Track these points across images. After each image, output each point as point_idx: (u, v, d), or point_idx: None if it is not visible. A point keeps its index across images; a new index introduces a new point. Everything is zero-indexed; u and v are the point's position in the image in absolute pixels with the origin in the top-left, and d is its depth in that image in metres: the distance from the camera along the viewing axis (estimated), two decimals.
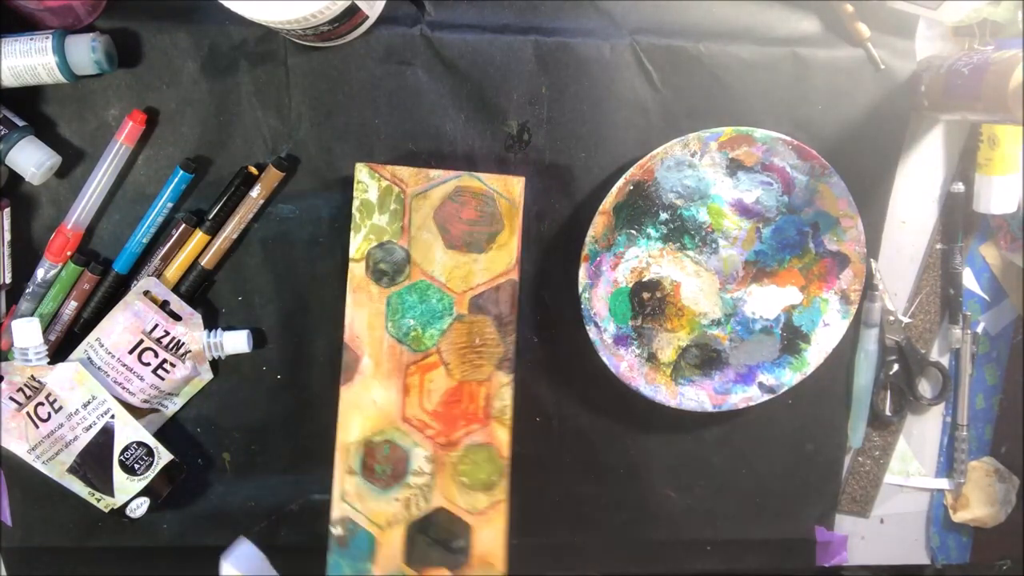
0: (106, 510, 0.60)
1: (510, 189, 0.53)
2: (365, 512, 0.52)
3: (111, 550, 0.63)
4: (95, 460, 0.58)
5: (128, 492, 0.60)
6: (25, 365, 0.56)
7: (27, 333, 0.55)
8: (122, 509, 0.59)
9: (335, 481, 0.52)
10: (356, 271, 0.52)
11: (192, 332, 0.58)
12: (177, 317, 0.58)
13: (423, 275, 0.52)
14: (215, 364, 0.60)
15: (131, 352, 0.57)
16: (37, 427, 0.57)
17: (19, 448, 0.57)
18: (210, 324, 0.59)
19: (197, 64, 0.55)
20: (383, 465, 0.52)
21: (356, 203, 0.52)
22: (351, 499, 0.52)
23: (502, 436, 0.53)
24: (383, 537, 0.52)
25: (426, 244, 0.52)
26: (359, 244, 0.52)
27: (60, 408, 0.57)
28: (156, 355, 0.58)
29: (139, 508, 0.60)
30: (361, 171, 0.52)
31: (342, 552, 0.52)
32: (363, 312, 0.52)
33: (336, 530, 0.52)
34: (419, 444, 0.52)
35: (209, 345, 0.58)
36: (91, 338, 0.57)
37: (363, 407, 0.52)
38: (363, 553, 0.52)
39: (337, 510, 0.52)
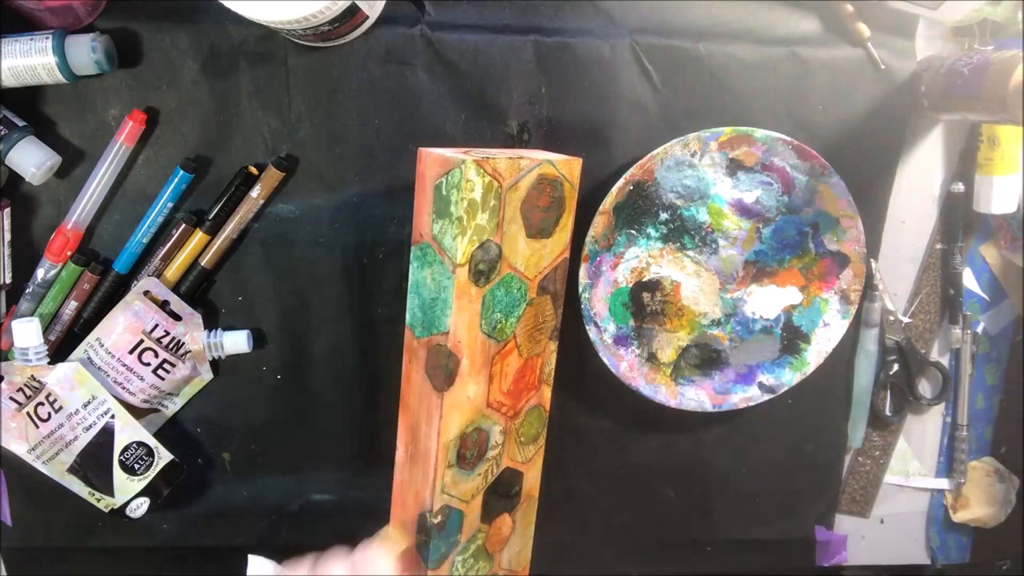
0: (106, 510, 0.60)
1: (573, 172, 0.53)
2: (458, 495, 0.54)
3: (111, 550, 0.63)
4: (95, 460, 0.58)
5: (128, 492, 0.60)
6: (25, 365, 0.56)
7: (27, 333, 0.55)
8: (122, 509, 0.59)
9: (436, 476, 0.52)
10: (461, 276, 0.48)
11: (192, 332, 0.58)
12: (177, 317, 0.58)
13: (510, 268, 0.51)
14: (215, 364, 0.60)
15: (131, 352, 0.57)
16: (37, 427, 0.57)
17: (19, 448, 0.57)
18: (210, 324, 0.59)
19: (197, 64, 0.55)
20: (472, 451, 0.54)
21: (464, 204, 0.46)
22: (449, 488, 0.53)
23: (547, 394, 0.57)
24: (468, 509, 0.55)
25: (513, 236, 0.50)
26: (464, 248, 0.47)
27: (60, 408, 0.57)
28: (156, 355, 0.58)
29: (139, 508, 0.60)
30: (470, 168, 0.46)
31: (439, 536, 0.54)
32: (464, 316, 0.49)
33: (436, 519, 0.53)
34: (496, 422, 0.54)
35: (209, 345, 0.58)
36: (91, 338, 0.57)
37: (460, 405, 0.51)
38: (454, 529, 0.55)
39: (439, 502, 0.53)
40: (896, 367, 0.67)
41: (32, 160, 0.53)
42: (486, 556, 0.58)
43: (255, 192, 0.57)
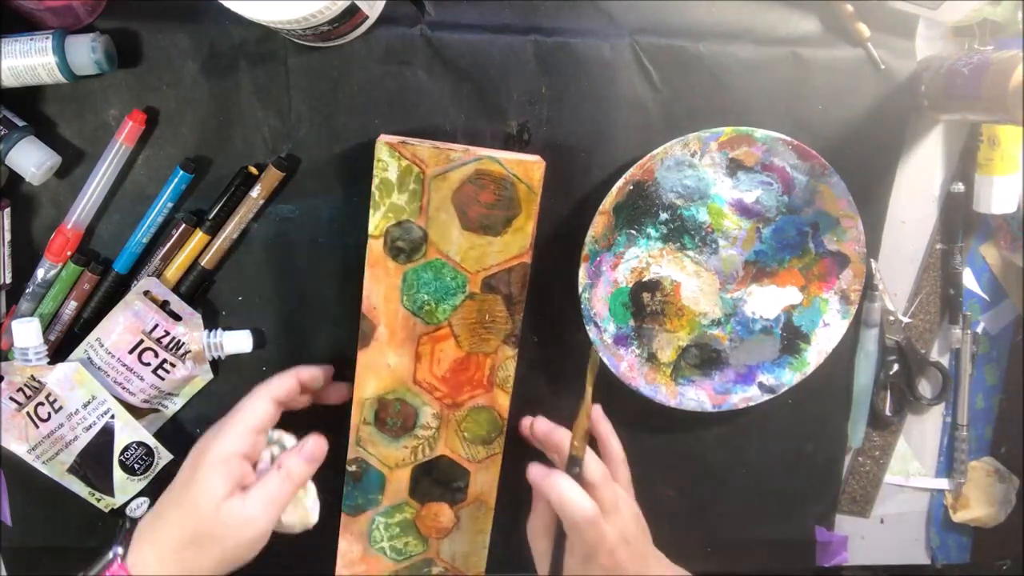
0: (106, 510, 0.60)
1: (529, 174, 0.53)
2: (376, 455, 0.58)
3: None
4: (95, 460, 0.58)
5: (128, 492, 0.60)
6: (25, 365, 0.56)
7: (27, 333, 0.55)
8: (122, 509, 0.59)
9: (351, 429, 0.57)
10: (374, 247, 0.53)
11: (192, 332, 0.58)
12: (177, 317, 0.58)
13: (439, 254, 0.53)
14: (215, 364, 0.60)
15: (131, 352, 0.57)
16: (37, 427, 0.57)
17: (19, 448, 0.57)
18: (210, 324, 0.59)
19: (197, 64, 0.55)
20: (394, 419, 0.57)
21: (376, 181, 0.52)
22: (364, 444, 0.58)
23: (503, 401, 0.58)
24: (391, 475, 0.59)
25: (443, 224, 0.53)
26: (377, 222, 0.53)
27: (60, 408, 0.57)
28: (156, 355, 0.58)
29: (139, 508, 0.60)
30: (382, 149, 0.51)
31: (355, 485, 0.59)
32: (380, 286, 0.54)
33: (351, 467, 0.58)
34: (427, 403, 0.57)
35: (209, 345, 0.58)
36: (91, 338, 0.57)
37: (377, 370, 0.56)
38: (374, 487, 0.59)
39: (352, 452, 0.58)
40: (896, 367, 0.67)
41: (32, 160, 0.53)
42: (417, 535, 0.60)
43: (255, 192, 0.57)
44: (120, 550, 0.48)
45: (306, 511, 0.54)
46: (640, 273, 0.62)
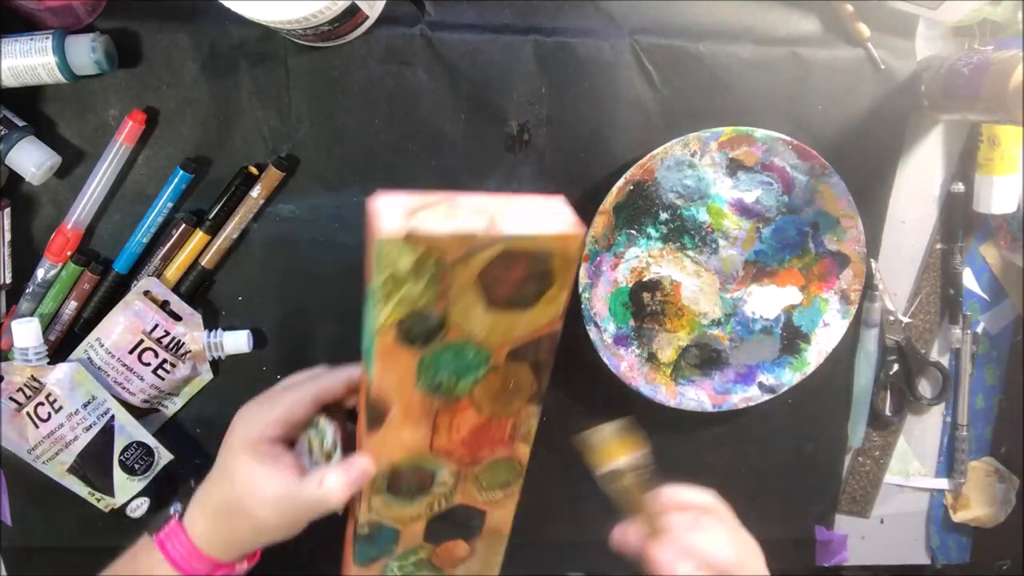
0: (106, 510, 0.60)
1: (567, 247, 0.43)
2: (390, 516, 0.53)
3: (111, 550, 0.63)
4: (95, 460, 0.58)
5: (128, 492, 0.60)
6: (25, 365, 0.56)
7: (27, 333, 0.55)
8: (122, 509, 0.59)
9: (362, 497, 0.52)
10: (386, 338, 0.44)
11: (192, 332, 0.58)
12: (177, 317, 0.58)
13: (460, 335, 0.45)
14: (215, 364, 0.60)
15: (131, 352, 0.57)
16: (37, 427, 0.57)
17: (19, 448, 0.57)
18: (210, 324, 0.59)
19: (197, 64, 0.55)
20: (409, 484, 0.52)
21: (381, 277, 0.42)
22: (377, 511, 0.53)
23: (523, 451, 0.54)
24: (406, 529, 0.54)
25: (466, 306, 0.44)
26: (386, 315, 0.44)
27: (60, 408, 0.57)
28: (156, 355, 0.58)
29: (139, 508, 0.60)
30: (390, 244, 0.40)
31: (368, 541, 0.54)
32: (393, 374, 0.46)
33: (363, 530, 0.54)
34: (444, 465, 0.52)
35: (209, 345, 0.58)
36: (91, 338, 0.57)
37: (390, 445, 0.50)
38: (387, 541, 0.55)
39: (364, 518, 0.53)
40: (896, 367, 0.67)
41: (32, 160, 0.53)
42: (431, 568, 0.57)
43: (255, 192, 0.57)
44: (179, 507, 0.49)
45: None
46: (640, 273, 0.62)
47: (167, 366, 0.58)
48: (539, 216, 0.43)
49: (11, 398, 0.56)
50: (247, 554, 0.50)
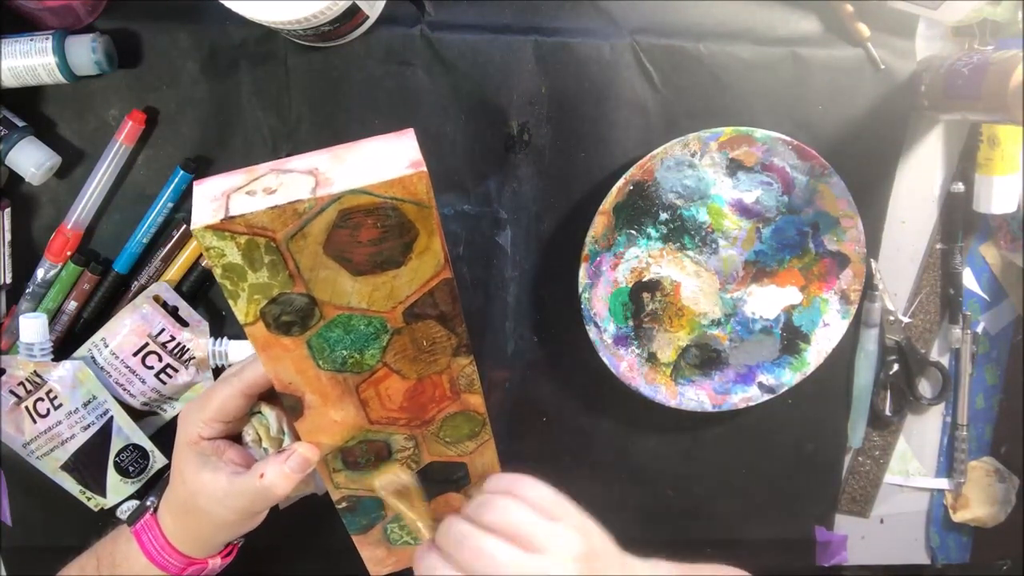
0: (96, 509, 0.60)
1: (412, 189, 0.40)
2: (361, 487, 0.54)
3: None
4: (90, 460, 0.58)
5: (121, 494, 0.60)
6: (29, 360, 0.56)
7: (34, 329, 0.55)
8: (112, 510, 0.60)
9: (324, 479, 0.53)
10: (257, 333, 0.43)
11: (198, 339, 0.58)
12: (184, 323, 0.58)
13: (338, 310, 0.44)
14: (217, 372, 0.60)
15: (135, 354, 0.57)
16: (35, 422, 0.57)
17: (14, 441, 0.57)
18: (216, 332, 0.59)
19: (197, 64, 0.55)
20: (364, 457, 0.52)
21: (217, 272, 0.40)
22: (346, 485, 0.54)
23: (476, 400, 0.52)
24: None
25: (328, 280, 0.42)
26: (246, 309, 0.42)
27: (60, 405, 0.57)
28: (160, 359, 0.58)
29: (130, 510, 0.60)
30: (205, 236, 0.38)
31: (353, 514, 0.56)
32: (285, 364, 0.45)
33: (341, 505, 0.55)
34: (394, 433, 0.52)
35: (214, 352, 0.58)
36: (96, 338, 0.57)
37: (325, 428, 0.49)
38: (373, 508, 0.56)
39: (336, 495, 0.54)
40: (896, 367, 0.67)
41: (32, 160, 0.53)
42: (434, 521, 0.56)
43: None
44: (156, 500, 0.50)
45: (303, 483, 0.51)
46: (640, 273, 0.62)
47: (170, 370, 0.58)
48: (377, 164, 0.40)
49: (11, 391, 0.56)
50: (218, 550, 0.51)
